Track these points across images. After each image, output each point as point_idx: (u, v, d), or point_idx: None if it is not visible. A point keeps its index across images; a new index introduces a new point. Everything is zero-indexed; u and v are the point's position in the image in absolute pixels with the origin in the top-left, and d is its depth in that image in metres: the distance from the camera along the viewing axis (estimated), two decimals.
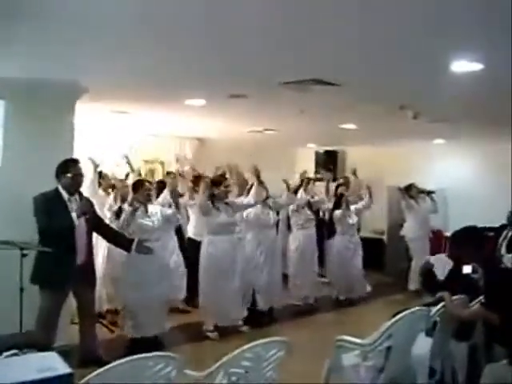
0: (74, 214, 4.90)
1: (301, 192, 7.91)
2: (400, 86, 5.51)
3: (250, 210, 7.06)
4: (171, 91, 6.03)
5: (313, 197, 8.25)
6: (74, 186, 5.01)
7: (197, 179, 7.10)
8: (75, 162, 5.10)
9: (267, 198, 7.25)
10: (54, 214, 4.81)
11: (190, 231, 7.58)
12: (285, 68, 4.80)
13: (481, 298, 4.06)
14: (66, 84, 5.43)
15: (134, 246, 5.38)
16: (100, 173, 7.05)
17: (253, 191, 6.80)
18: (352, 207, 8.47)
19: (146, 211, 5.88)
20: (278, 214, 7.76)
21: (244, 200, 6.87)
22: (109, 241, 5.78)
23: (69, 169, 4.98)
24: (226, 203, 6.53)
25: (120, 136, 9.64)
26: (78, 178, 5.05)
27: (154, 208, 6.06)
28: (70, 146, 5.81)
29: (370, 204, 8.60)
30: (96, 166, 6.60)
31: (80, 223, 4.99)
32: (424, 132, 9.05)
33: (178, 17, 3.41)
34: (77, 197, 5.03)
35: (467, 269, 6.39)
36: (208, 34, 3.78)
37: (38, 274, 4.86)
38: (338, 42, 3.90)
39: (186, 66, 4.83)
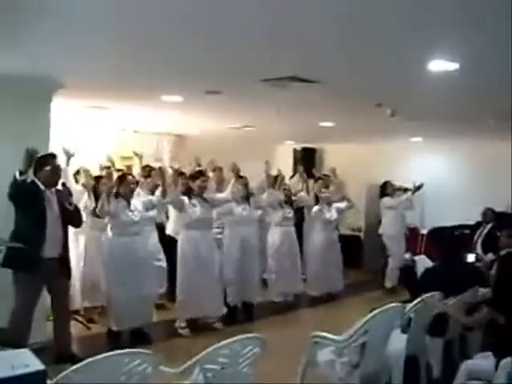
0: (48, 207, 4.92)
1: (275, 189, 7.92)
2: (377, 84, 5.54)
3: (229, 206, 7.07)
4: (148, 87, 5.99)
5: (295, 194, 8.26)
6: (53, 180, 5.02)
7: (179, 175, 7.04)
8: (53, 156, 5.11)
9: (249, 195, 7.28)
10: (29, 203, 4.81)
11: (169, 228, 7.56)
12: (262, 65, 4.79)
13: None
14: (41, 79, 5.37)
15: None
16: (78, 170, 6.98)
17: (230, 187, 6.82)
18: (334, 205, 8.50)
19: (129, 205, 5.88)
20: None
21: (220, 195, 6.87)
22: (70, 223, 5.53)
23: (47, 163, 4.98)
24: (204, 199, 6.53)
25: (97, 132, 9.58)
26: (57, 172, 5.06)
27: (136, 202, 6.05)
28: (46, 141, 5.74)
29: (351, 206, 8.69)
30: (69, 156, 6.42)
31: (55, 216, 4.98)
32: (401, 130, 9.13)
33: (155, 13, 3.38)
34: (53, 190, 5.03)
35: (471, 257, 6.51)
36: (185, 30, 3.76)
37: (8, 259, 4.83)
38: (315, 39, 3.91)
39: (162, 62, 4.80)
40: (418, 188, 9.09)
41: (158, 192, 6.31)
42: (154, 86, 5.96)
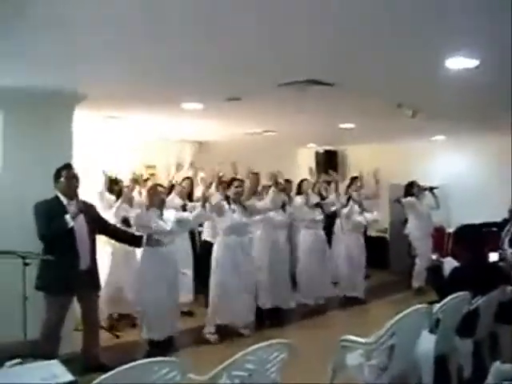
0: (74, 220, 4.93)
1: (310, 194, 7.95)
2: (396, 84, 5.51)
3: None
4: (168, 95, 6.04)
5: (324, 199, 8.24)
6: (70, 189, 5.06)
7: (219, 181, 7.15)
8: (68, 166, 5.17)
9: (284, 204, 7.35)
10: (52, 220, 4.84)
11: (206, 233, 7.59)
12: (280, 69, 4.80)
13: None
14: (64, 92, 5.46)
15: (144, 241, 5.57)
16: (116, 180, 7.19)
17: (270, 196, 6.80)
18: (365, 214, 8.48)
19: (161, 215, 5.92)
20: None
21: (260, 203, 6.91)
22: (118, 240, 5.88)
23: (61, 173, 5.05)
24: (243, 206, 6.58)
25: (121, 141, 9.68)
26: (72, 180, 5.10)
27: (169, 212, 6.09)
28: (69, 153, 5.82)
29: (377, 220, 8.80)
30: (108, 178, 6.70)
31: (81, 228, 5.03)
32: (424, 129, 9.05)
33: (174, 21, 3.42)
34: (80, 203, 5.05)
35: (494, 256, 6.42)
36: (203, 37, 3.78)
37: (42, 281, 4.91)
38: (331, 41, 3.91)
39: (181, 71, 4.84)
40: (432, 189, 9.23)
41: (196, 207, 6.40)
42: (175, 94, 6.01)
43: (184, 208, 7.20)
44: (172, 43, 3.95)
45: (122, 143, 9.70)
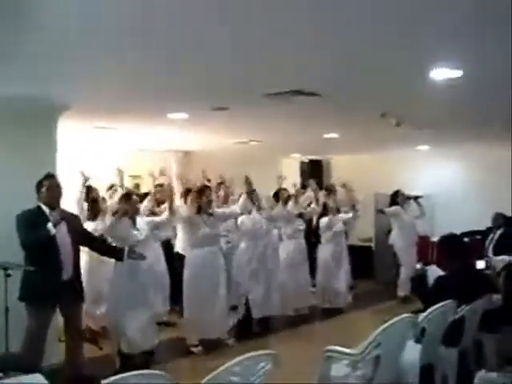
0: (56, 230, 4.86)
1: (291, 204, 7.93)
2: (381, 95, 5.54)
3: (243, 219, 7.12)
4: (153, 106, 6.02)
5: (305, 208, 8.25)
6: (52, 199, 4.98)
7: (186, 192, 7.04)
8: (49, 176, 5.10)
9: (260, 208, 7.29)
10: (35, 230, 4.78)
11: (178, 245, 7.45)
12: (266, 80, 4.81)
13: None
14: (45, 102, 5.41)
15: (125, 254, 5.43)
16: (89, 187, 7.04)
17: (241, 201, 6.77)
18: (339, 216, 8.50)
19: (134, 224, 5.85)
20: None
21: (228, 209, 6.85)
22: (100, 252, 5.77)
23: (43, 183, 4.99)
24: (209, 214, 6.46)
25: (104, 151, 9.64)
26: (54, 190, 5.02)
27: (142, 220, 6.02)
28: (53, 164, 5.76)
29: (355, 217, 8.66)
30: (85, 179, 6.54)
31: (64, 237, 4.96)
32: (408, 139, 9.11)
33: (159, 32, 3.41)
34: (62, 212, 4.99)
35: (480, 264, 6.45)
36: (189, 48, 3.78)
37: (24, 291, 4.83)
38: (316, 52, 3.92)
39: (166, 81, 4.83)
40: (416, 198, 9.29)
41: (165, 212, 6.27)
42: (160, 105, 5.99)
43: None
44: (158, 54, 3.95)
45: (107, 153, 9.65)
